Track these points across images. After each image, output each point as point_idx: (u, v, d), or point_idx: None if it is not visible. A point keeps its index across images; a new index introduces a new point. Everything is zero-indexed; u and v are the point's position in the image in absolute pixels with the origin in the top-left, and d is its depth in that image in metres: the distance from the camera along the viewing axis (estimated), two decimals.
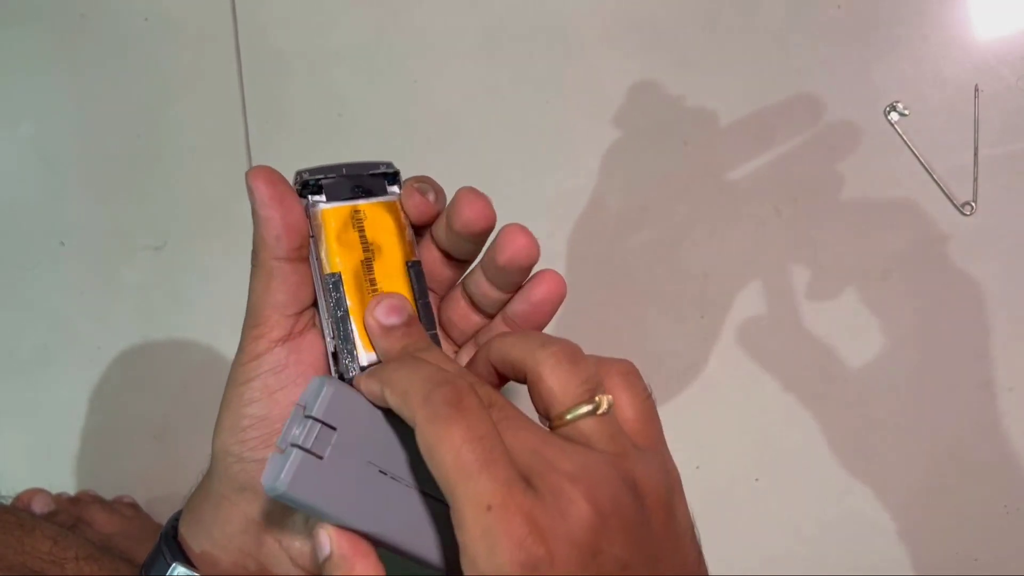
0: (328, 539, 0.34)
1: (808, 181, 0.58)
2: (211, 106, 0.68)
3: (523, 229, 0.39)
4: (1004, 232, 0.56)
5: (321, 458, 0.33)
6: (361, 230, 0.39)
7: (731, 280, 0.59)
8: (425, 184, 0.40)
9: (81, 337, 0.70)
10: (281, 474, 0.32)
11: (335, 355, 0.37)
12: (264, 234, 0.37)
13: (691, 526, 0.34)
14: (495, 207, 0.40)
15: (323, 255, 0.38)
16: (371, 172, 0.40)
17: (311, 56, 0.66)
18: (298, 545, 0.40)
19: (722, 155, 0.59)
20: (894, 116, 0.57)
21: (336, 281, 0.38)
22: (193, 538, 0.41)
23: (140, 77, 0.69)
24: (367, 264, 0.38)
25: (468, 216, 0.38)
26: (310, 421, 0.33)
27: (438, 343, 0.39)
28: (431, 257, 0.41)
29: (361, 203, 0.39)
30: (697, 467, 0.57)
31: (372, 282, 0.38)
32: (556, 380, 0.33)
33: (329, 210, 0.39)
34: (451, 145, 0.64)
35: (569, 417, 0.33)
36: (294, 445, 0.33)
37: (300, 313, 0.38)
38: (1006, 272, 0.56)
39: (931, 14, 0.57)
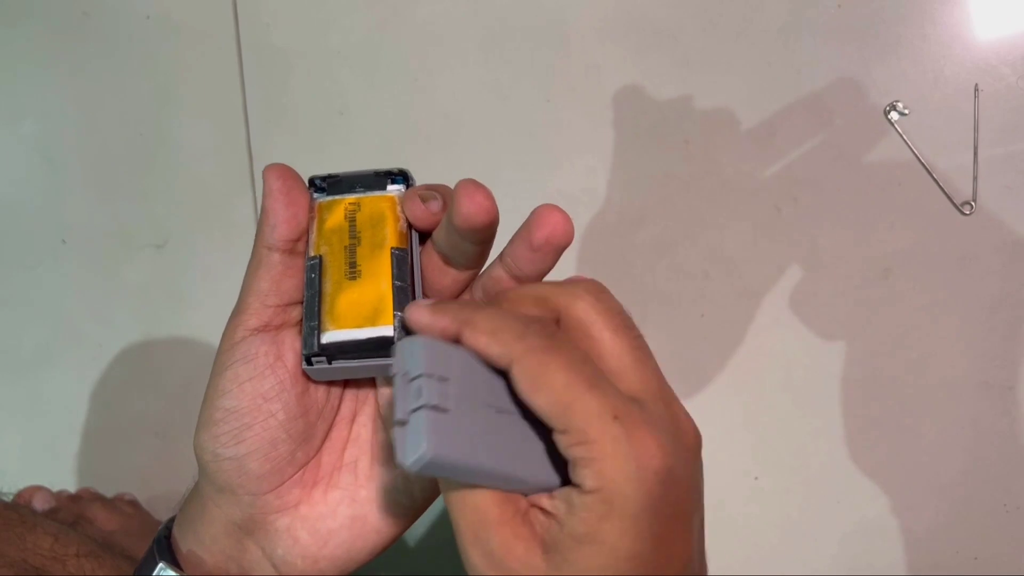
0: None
1: (808, 180, 0.58)
2: (212, 104, 0.68)
3: (557, 208, 0.38)
4: (1004, 231, 0.56)
5: (448, 411, 0.31)
6: (352, 220, 0.39)
7: (731, 279, 0.59)
8: (430, 192, 0.39)
9: (82, 335, 0.70)
10: (421, 441, 0.30)
11: (302, 334, 0.37)
12: (262, 223, 0.38)
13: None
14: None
15: (310, 242, 0.38)
16: (376, 171, 0.40)
17: (312, 55, 0.66)
18: (280, 552, 0.39)
19: (722, 154, 0.59)
20: (894, 115, 0.57)
21: (314, 264, 0.37)
22: (182, 538, 0.40)
23: (142, 75, 0.69)
24: (350, 249, 0.38)
25: (468, 210, 0.36)
26: (423, 378, 0.31)
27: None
28: (431, 263, 0.40)
29: (357, 196, 0.39)
30: None
31: (352, 265, 0.38)
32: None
33: (325, 202, 0.39)
34: (451, 144, 0.64)
35: None
36: (419, 408, 0.30)
37: (282, 307, 0.38)
38: (1005, 271, 0.56)
39: (931, 13, 0.57)
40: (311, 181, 0.39)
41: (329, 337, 0.36)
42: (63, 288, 0.70)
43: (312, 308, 0.37)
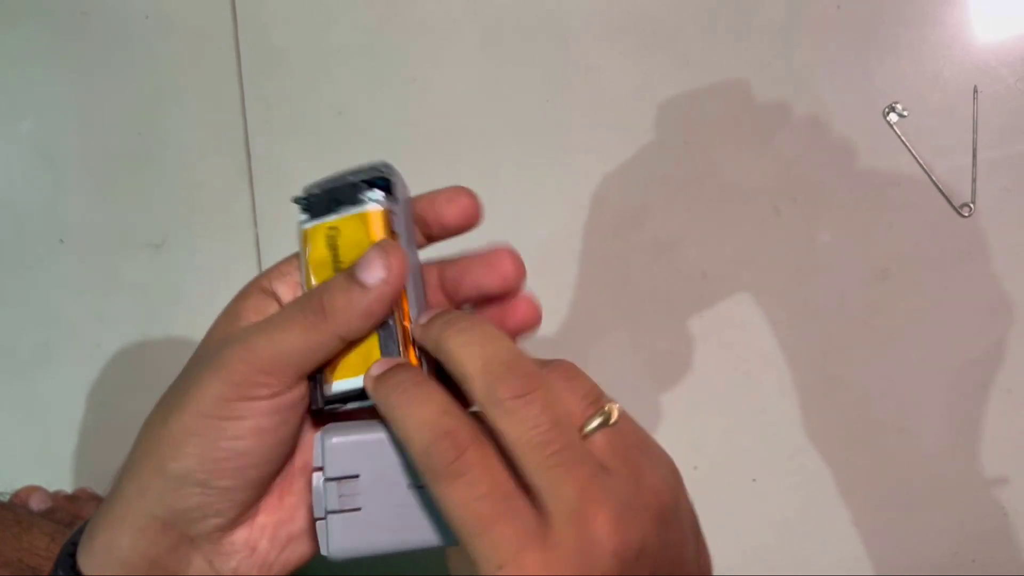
0: None
1: (807, 181, 0.58)
2: (211, 103, 0.68)
3: (512, 254, 0.37)
4: (1002, 233, 0.56)
5: (358, 509, 0.34)
6: (334, 247, 0.36)
7: (730, 280, 0.59)
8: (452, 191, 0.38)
9: (80, 334, 0.70)
10: (328, 544, 0.33)
11: (312, 381, 0.36)
12: (358, 313, 0.34)
13: (695, 519, 0.34)
14: (494, 206, 0.40)
15: (303, 278, 0.37)
16: (353, 181, 0.37)
17: (311, 54, 0.66)
18: (234, 564, 0.37)
19: (721, 155, 0.59)
20: (893, 117, 0.57)
21: None
22: (97, 567, 0.36)
23: (140, 75, 0.69)
24: None
25: (451, 215, 0.37)
26: (331, 483, 0.33)
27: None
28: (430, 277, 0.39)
29: (334, 219, 0.36)
30: (695, 467, 0.57)
31: None
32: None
33: (309, 230, 0.37)
34: (450, 144, 0.64)
35: (585, 432, 0.32)
36: (328, 512, 0.33)
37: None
38: (1004, 273, 0.56)
39: (931, 15, 0.57)
40: (296, 201, 0.38)
41: (333, 388, 0.36)
42: (61, 287, 0.70)
43: None
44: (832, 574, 0.57)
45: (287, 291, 0.37)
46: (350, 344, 0.35)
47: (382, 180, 0.36)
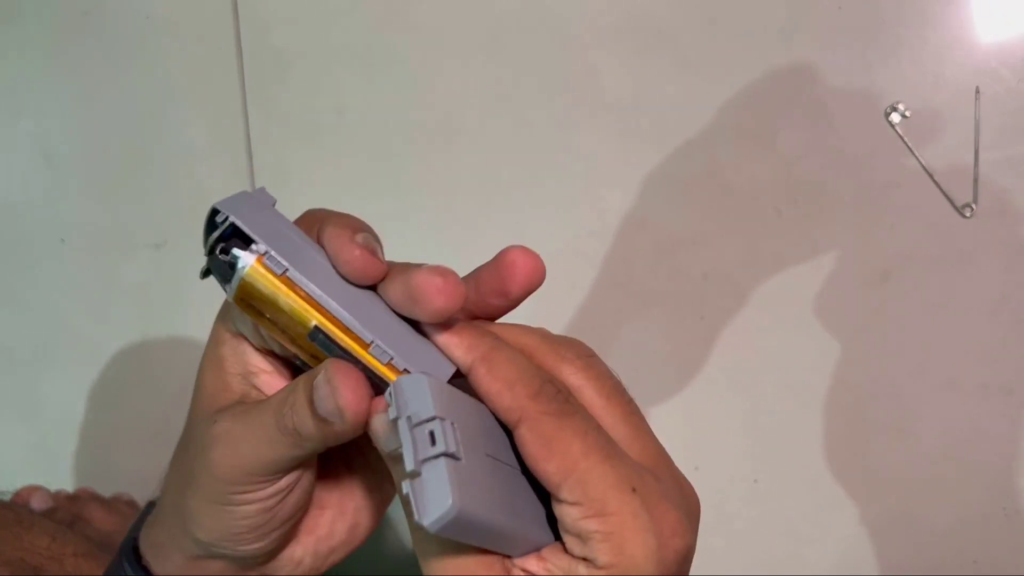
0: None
1: (809, 182, 0.58)
2: (212, 104, 0.68)
3: (528, 251, 0.33)
4: (1004, 234, 0.56)
5: (460, 461, 0.28)
6: (261, 314, 0.32)
7: (731, 281, 0.59)
8: (366, 235, 0.33)
9: (81, 335, 0.70)
10: (446, 496, 0.26)
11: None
12: (331, 435, 0.32)
13: None
14: (495, 207, 0.40)
15: (271, 341, 0.33)
16: (209, 251, 0.32)
17: (312, 54, 0.66)
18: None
19: (723, 155, 0.59)
20: (895, 117, 0.57)
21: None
22: (161, 569, 0.38)
23: (141, 75, 0.69)
24: (296, 343, 0.32)
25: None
26: (436, 421, 0.28)
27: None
28: None
29: (235, 286, 0.31)
30: (696, 468, 0.57)
31: (314, 357, 0.33)
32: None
33: (233, 300, 0.32)
34: (451, 144, 0.64)
35: None
36: (434, 457, 0.27)
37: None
38: (1005, 274, 0.56)
39: (932, 15, 0.57)
40: (203, 276, 0.33)
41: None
42: (61, 288, 0.70)
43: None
44: (833, 574, 0.57)
45: (252, 331, 0.35)
46: None
47: (228, 229, 0.31)
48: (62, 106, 0.70)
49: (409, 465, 0.27)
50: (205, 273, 0.32)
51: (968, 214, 0.56)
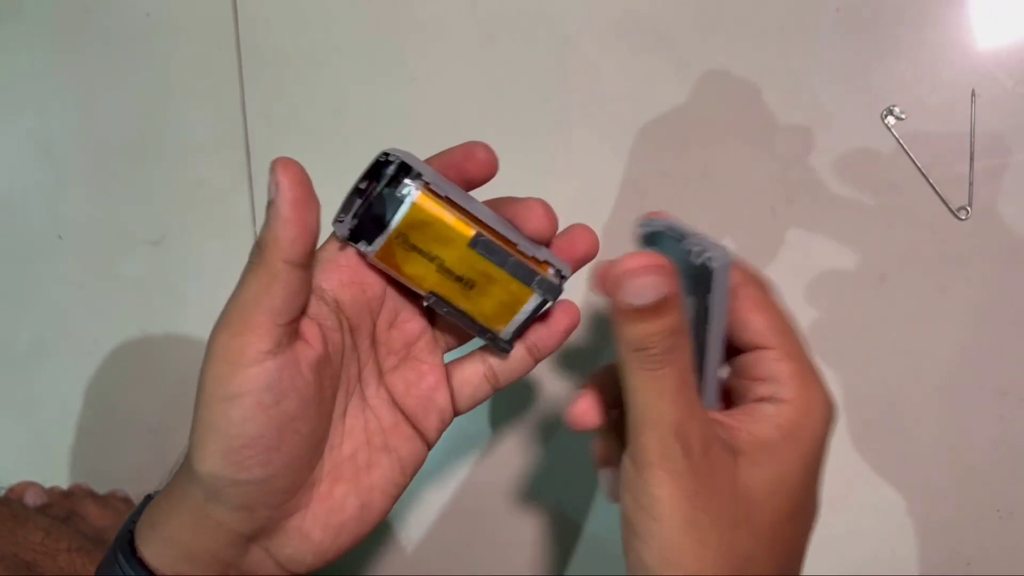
0: (661, 277, 0.34)
1: (804, 183, 0.58)
2: (211, 100, 0.68)
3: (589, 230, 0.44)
4: (999, 237, 0.56)
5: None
6: (415, 247, 0.38)
7: None
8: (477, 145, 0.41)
9: (78, 330, 0.70)
10: (725, 249, 0.37)
11: (487, 336, 0.41)
12: (280, 234, 0.35)
13: None
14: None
15: (411, 284, 0.39)
16: (379, 189, 0.38)
17: (311, 53, 0.66)
18: (289, 552, 0.38)
19: (719, 156, 0.59)
20: (891, 120, 0.57)
21: (437, 300, 0.39)
22: (157, 556, 0.38)
23: (141, 71, 0.69)
24: (444, 270, 0.39)
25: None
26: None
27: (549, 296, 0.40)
28: None
29: (392, 228, 0.38)
30: None
31: (460, 279, 0.39)
32: None
33: (379, 253, 0.39)
34: (449, 143, 0.63)
35: None
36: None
37: (290, 323, 0.36)
38: (1001, 277, 0.56)
39: (929, 18, 0.57)
40: (342, 238, 0.39)
41: (506, 333, 0.41)
42: (59, 283, 0.70)
43: (474, 326, 0.40)
44: (826, 574, 0.57)
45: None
46: (485, 293, 0.39)
47: (399, 166, 0.38)
48: (62, 102, 0.70)
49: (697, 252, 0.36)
50: (352, 234, 0.38)
51: (963, 216, 0.56)
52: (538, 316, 0.41)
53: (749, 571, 0.34)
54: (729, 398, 0.39)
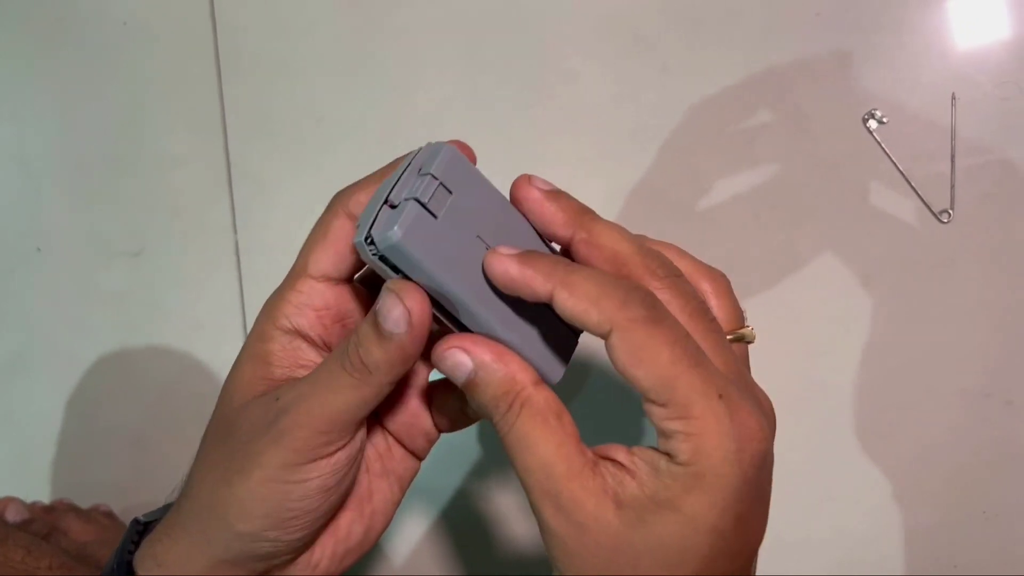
0: (463, 352, 0.33)
1: (787, 188, 0.58)
2: (190, 111, 0.67)
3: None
4: (981, 239, 0.56)
5: (436, 217, 0.32)
6: None
7: None
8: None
9: (57, 344, 0.69)
10: (395, 226, 0.31)
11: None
12: (397, 356, 0.33)
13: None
14: None
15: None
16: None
17: (291, 60, 0.66)
18: None
19: (700, 161, 0.59)
20: (872, 124, 0.57)
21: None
22: None
23: (118, 81, 0.68)
24: None
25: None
26: (428, 178, 0.32)
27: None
28: None
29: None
30: None
31: None
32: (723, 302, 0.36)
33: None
34: None
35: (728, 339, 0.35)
36: (410, 199, 0.32)
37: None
38: (983, 279, 0.56)
39: (909, 22, 0.57)
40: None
41: None
42: (38, 296, 0.70)
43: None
44: (814, 574, 0.57)
45: (309, 325, 0.37)
46: None
47: (381, 257, 0.33)
48: (37, 113, 0.69)
49: (392, 198, 0.32)
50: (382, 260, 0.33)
51: (946, 220, 0.56)
52: None
53: None
54: None
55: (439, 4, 0.64)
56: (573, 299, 0.31)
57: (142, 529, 0.40)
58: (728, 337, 0.35)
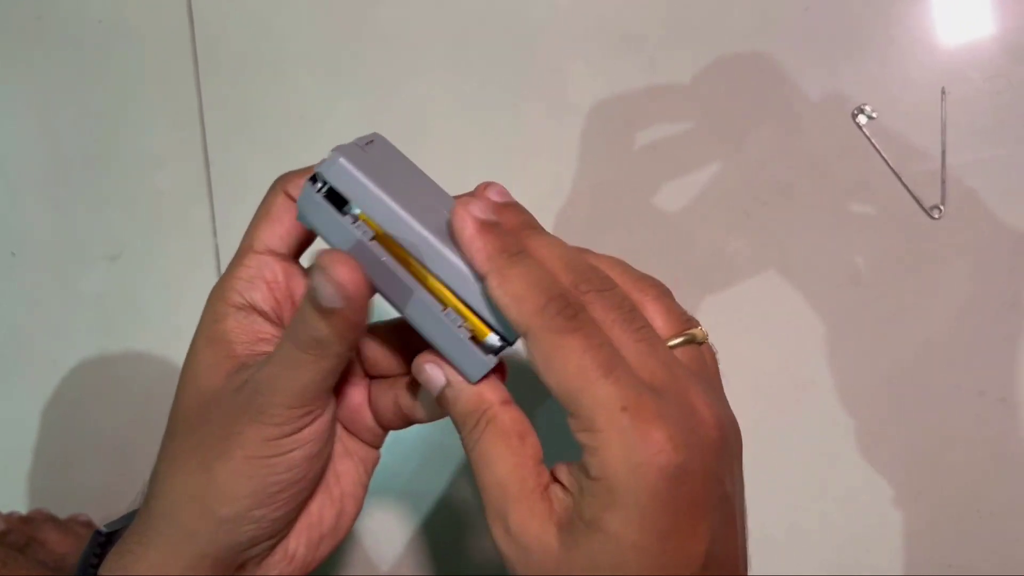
0: (438, 368, 0.34)
1: (777, 184, 0.58)
2: (168, 110, 0.66)
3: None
4: (972, 235, 0.56)
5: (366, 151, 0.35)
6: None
7: (699, 285, 0.59)
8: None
9: (36, 350, 0.68)
10: (337, 155, 0.33)
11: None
12: (343, 326, 0.33)
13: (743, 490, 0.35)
14: None
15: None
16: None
17: (270, 60, 0.65)
18: (275, 574, 0.38)
19: (690, 159, 0.59)
20: (862, 119, 0.57)
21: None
22: None
23: (95, 81, 0.67)
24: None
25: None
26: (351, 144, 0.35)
27: None
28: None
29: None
30: None
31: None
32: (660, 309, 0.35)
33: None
34: (416, 151, 0.62)
35: (672, 344, 0.34)
36: (335, 150, 0.34)
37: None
38: (974, 275, 0.56)
39: (898, 16, 0.57)
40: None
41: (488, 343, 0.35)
42: (14, 302, 0.69)
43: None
44: (809, 574, 0.57)
45: (263, 298, 0.37)
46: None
47: (328, 192, 0.35)
48: (12, 113, 0.68)
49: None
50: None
51: (936, 215, 0.56)
52: None
53: None
54: None
55: (422, 1, 0.63)
56: (499, 291, 0.32)
57: (104, 540, 0.39)
58: (675, 341, 0.34)
